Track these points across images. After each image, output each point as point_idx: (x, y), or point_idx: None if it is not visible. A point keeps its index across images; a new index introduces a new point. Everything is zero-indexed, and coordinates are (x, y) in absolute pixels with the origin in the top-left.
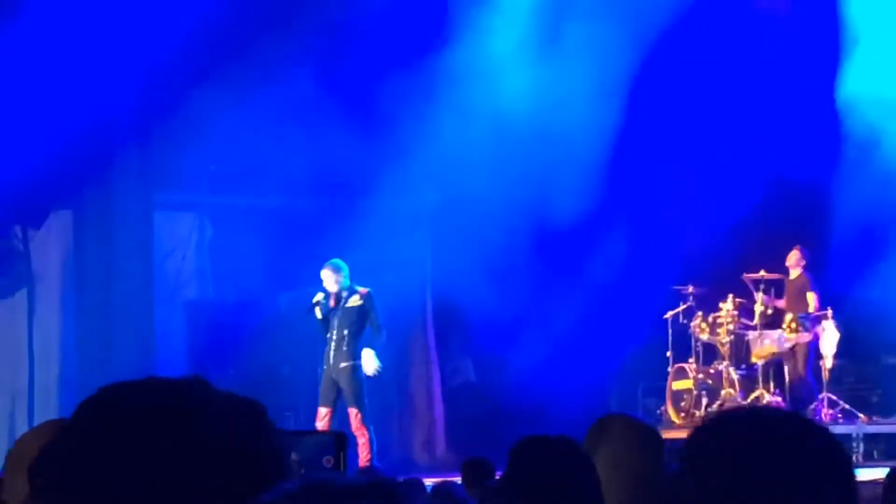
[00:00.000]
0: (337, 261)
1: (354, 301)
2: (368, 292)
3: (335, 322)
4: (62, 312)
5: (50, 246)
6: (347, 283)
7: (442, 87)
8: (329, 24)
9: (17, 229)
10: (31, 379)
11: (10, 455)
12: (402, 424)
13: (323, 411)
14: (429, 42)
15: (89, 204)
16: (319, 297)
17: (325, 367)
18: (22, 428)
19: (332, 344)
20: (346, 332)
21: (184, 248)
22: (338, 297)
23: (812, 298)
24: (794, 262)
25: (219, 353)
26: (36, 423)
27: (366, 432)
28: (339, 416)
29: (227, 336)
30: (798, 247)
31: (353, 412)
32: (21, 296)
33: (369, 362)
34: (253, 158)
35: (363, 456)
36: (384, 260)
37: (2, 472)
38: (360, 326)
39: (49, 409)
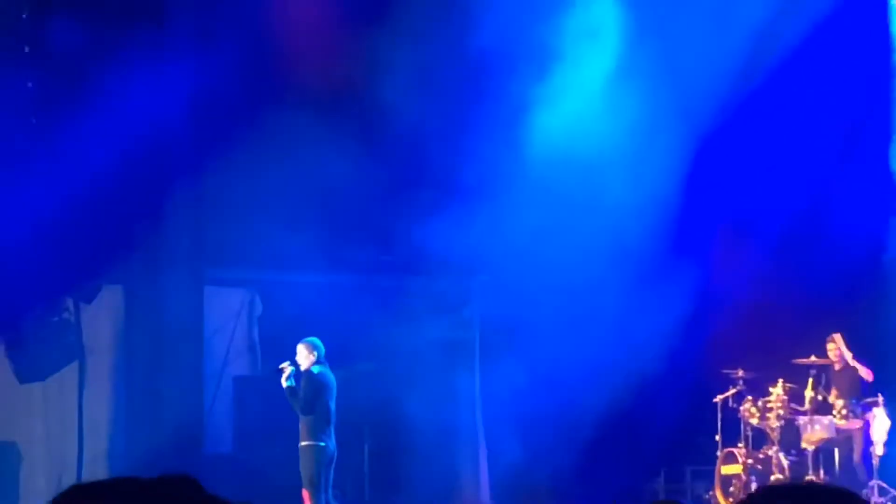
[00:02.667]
0: (314, 339)
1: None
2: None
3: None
4: (112, 385)
5: (101, 320)
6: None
7: (490, 155)
8: (373, 106)
9: (69, 302)
10: (80, 451)
11: None
12: None
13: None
14: (472, 112)
15: (140, 279)
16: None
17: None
18: None
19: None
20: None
21: (233, 324)
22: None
23: (865, 373)
24: (836, 354)
25: (266, 429)
26: None
27: None
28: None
29: (275, 412)
30: (833, 337)
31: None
32: (72, 368)
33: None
34: (302, 236)
35: None
36: (432, 339)
37: None
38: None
39: None
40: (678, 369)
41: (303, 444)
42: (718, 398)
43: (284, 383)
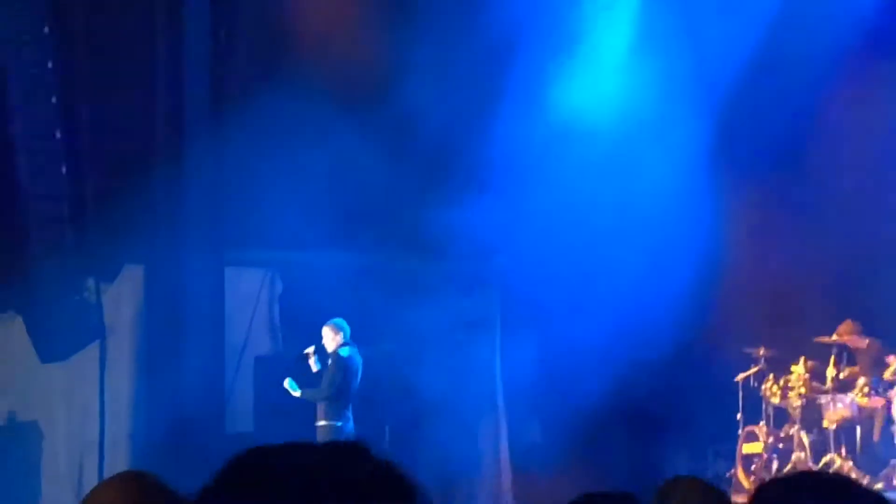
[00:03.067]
0: (339, 320)
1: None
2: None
3: None
4: (133, 366)
5: (122, 300)
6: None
7: (510, 136)
8: (394, 88)
9: (90, 282)
10: (102, 432)
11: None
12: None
13: None
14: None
15: (161, 259)
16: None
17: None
18: (91, 481)
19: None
20: None
21: (254, 304)
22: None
23: (893, 361)
24: (854, 338)
25: (288, 409)
26: (106, 476)
27: None
28: None
29: None
30: (847, 322)
31: None
32: (93, 349)
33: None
34: (322, 216)
35: None
36: (453, 319)
37: None
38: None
39: (119, 463)
40: (699, 348)
41: (319, 423)
42: (740, 377)
43: (294, 392)
